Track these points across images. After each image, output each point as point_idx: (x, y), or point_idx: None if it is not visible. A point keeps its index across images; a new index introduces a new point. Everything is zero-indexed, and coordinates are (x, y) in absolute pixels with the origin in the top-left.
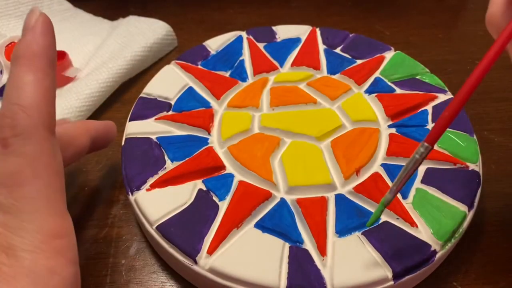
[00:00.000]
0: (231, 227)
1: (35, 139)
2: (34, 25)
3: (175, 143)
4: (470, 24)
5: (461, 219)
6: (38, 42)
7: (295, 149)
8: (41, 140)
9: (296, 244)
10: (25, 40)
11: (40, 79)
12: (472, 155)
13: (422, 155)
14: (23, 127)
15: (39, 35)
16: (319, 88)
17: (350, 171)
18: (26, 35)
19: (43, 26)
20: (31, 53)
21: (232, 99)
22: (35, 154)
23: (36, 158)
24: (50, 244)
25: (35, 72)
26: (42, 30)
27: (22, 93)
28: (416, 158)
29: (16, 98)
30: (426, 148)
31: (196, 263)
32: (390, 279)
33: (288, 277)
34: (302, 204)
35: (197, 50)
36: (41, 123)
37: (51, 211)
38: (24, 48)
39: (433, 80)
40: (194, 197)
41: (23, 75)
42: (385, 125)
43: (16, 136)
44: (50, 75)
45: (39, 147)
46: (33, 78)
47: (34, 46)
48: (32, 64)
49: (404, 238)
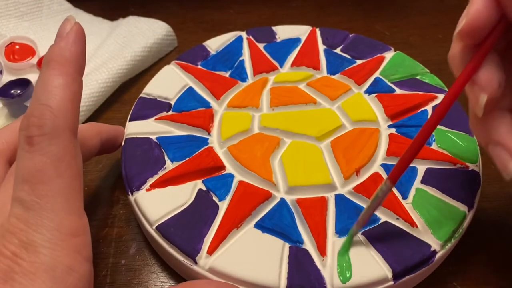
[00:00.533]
0: (231, 227)
1: (60, 139)
2: (68, 33)
3: (175, 143)
4: None
5: (461, 219)
6: (70, 49)
7: (295, 149)
8: (65, 141)
9: (296, 244)
10: (58, 45)
11: (69, 84)
12: (472, 155)
13: (384, 192)
14: (50, 127)
15: (72, 43)
16: (319, 88)
17: (350, 171)
18: (60, 41)
19: (76, 35)
20: (63, 58)
21: (232, 99)
22: (59, 154)
23: (60, 158)
24: (69, 242)
25: (65, 77)
26: (75, 38)
27: (51, 95)
28: (378, 196)
29: (46, 99)
30: (387, 187)
31: (196, 263)
32: (390, 279)
33: (288, 277)
34: (302, 204)
35: (197, 50)
36: (67, 125)
37: (70, 210)
38: (57, 53)
39: (433, 80)
40: (194, 197)
41: (54, 78)
42: (385, 125)
43: (42, 135)
44: (78, 81)
45: (63, 148)
46: (63, 82)
47: (67, 52)
48: (63, 68)
49: (404, 238)
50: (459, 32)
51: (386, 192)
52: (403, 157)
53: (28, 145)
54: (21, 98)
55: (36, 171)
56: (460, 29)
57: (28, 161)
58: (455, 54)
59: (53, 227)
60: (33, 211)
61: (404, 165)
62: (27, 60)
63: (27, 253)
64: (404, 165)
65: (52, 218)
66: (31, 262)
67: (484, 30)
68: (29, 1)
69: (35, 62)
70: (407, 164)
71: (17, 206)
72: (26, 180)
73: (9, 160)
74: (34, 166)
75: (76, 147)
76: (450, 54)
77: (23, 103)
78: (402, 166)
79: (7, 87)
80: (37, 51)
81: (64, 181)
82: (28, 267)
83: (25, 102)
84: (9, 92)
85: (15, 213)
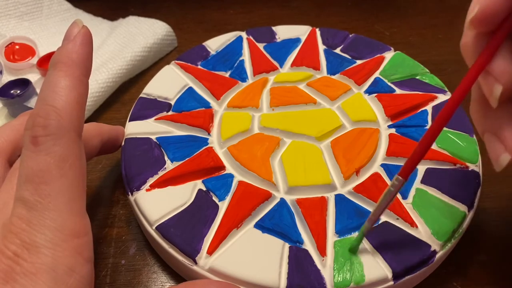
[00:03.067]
0: (231, 227)
1: (64, 140)
2: (76, 36)
3: (175, 143)
4: None
5: (461, 219)
6: (77, 51)
7: (295, 149)
8: (70, 142)
9: (296, 244)
10: (66, 48)
11: (75, 85)
12: (472, 155)
13: (396, 187)
14: (55, 127)
15: (79, 45)
16: (319, 88)
17: (350, 171)
18: (67, 44)
19: (84, 38)
20: (70, 60)
21: (232, 99)
22: (63, 154)
23: (64, 158)
24: (70, 243)
25: (72, 79)
26: (82, 41)
27: (57, 96)
28: (391, 191)
29: (52, 100)
30: (399, 181)
31: (196, 263)
32: (390, 279)
33: (288, 277)
34: (302, 204)
35: (196, 51)
36: (72, 126)
37: (72, 211)
38: (64, 55)
39: (433, 80)
40: (194, 197)
41: (60, 80)
42: (385, 125)
43: (47, 136)
44: (84, 83)
45: (68, 148)
46: (69, 84)
47: (74, 54)
48: (69, 70)
49: (404, 238)
50: (472, 20)
51: (398, 187)
52: (416, 149)
53: (32, 145)
54: (21, 98)
55: (40, 171)
56: (473, 16)
57: (32, 160)
58: (467, 42)
59: (55, 227)
60: (35, 211)
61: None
62: (27, 60)
63: (29, 253)
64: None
65: (54, 218)
66: (32, 262)
67: (498, 17)
68: (29, 1)
69: (35, 62)
70: (420, 157)
71: (20, 206)
72: (30, 179)
73: (9, 159)
74: (38, 166)
75: (80, 148)
76: (462, 43)
77: (23, 103)
78: (415, 159)
79: (7, 87)
80: (37, 51)
81: (67, 182)
82: (29, 267)
83: (25, 102)
84: (9, 92)
85: (18, 213)
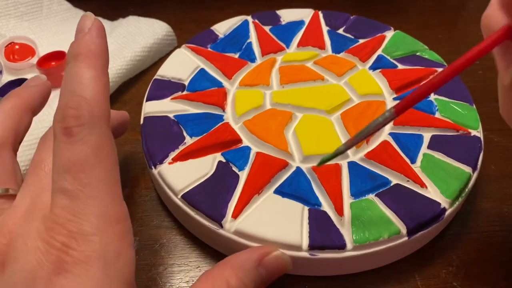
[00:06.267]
0: (252, 193)
1: (98, 129)
2: (91, 28)
3: (192, 120)
4: (470, 24)
5: (466, 180)
6: (95, 42)
7: (307, 122)
8: (102, 130)
9: (315, 206)
10: (83, 39)
11: (99, 76)
12: (473, 122)
13: (385, 119)
14: (88, 117)
15: (96, 37)
16: (325, 66)
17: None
18: (84, 36)
19: (98, 30)
20: (90, 52)
21: (243, 79)
22: (99, 142)
23: (100, 146)
24: (115, 228)
25: (95, 69)
26: (98, 33)
27: (85, 87)
28: (379, 121)
29: (80, 91)
30: (391, 114)
31: (222, 227)
32: (404, 234)
33: (309, 236)
34: (318, 171)
35: (205, 35)
36: (102, 114)
37: (113, 197)
38: (83, 47)
39: (432, 56)
40: (215, 168)
41: (84, 71)
42: (390, 97)
43: (81, 126)
44: (106, 74)
45: (102, 137)
46: (94, 74)
47: (92, 45)
48: (91, 61)
49: (415, 198)
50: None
51: (388, 119)
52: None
53: (66, 136)
54: None
55: (78, 160)
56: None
57: (68, 151)
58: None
59: (100, 214)
60: (78, 200)
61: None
62: (27, 60)
63: (77, 242)
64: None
65: (98, 206)
66: (82, 251)
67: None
68: (29, 1)
69: (35, 62)
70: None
71: (61, 197)
72: (68, 170)
73: (13, 148)
74: (74, 156)
75: (111, 136)
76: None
77: None
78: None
79: (7, 87)
80: (37, 51)
81: (105, 169)
82: (80, 256)
83: None
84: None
85: (60, 204)
